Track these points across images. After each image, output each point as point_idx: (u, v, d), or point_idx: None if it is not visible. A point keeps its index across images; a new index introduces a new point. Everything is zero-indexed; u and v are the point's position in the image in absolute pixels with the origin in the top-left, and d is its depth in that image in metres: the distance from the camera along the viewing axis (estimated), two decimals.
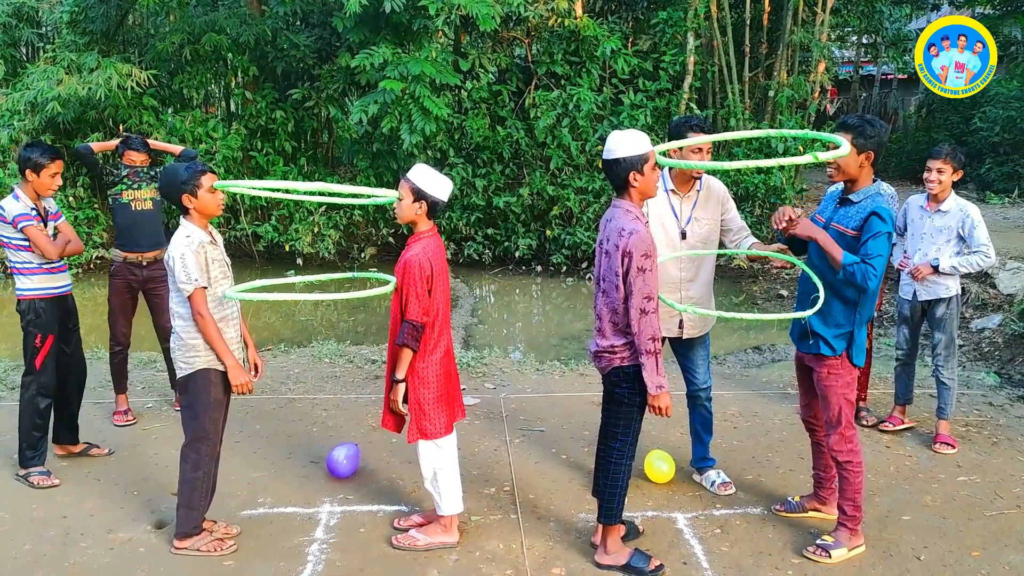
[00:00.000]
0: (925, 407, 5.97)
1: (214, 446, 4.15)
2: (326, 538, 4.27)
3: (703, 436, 4.91)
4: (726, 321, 7.57)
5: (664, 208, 4.57)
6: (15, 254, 4.83)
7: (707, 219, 4.63)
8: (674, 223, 4.58)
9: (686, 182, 4.59)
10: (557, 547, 4.21)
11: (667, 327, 4.54)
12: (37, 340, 4.84)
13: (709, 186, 4.66)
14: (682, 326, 4.64)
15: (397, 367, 4.01)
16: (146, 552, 4.14)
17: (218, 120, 12.96)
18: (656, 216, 4.55)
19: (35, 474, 4.85)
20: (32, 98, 10.97)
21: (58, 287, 4.94)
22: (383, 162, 12.35)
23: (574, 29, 12.43)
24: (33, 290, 4.85)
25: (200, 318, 3.93)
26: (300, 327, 9.61)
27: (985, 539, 4.28)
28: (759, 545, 4.23)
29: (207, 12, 12.80)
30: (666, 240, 4.53)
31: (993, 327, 8.35)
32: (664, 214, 4.57)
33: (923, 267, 5.33)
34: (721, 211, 4.68)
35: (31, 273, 4.84)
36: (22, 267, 4.84)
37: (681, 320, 4.61)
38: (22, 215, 4.73)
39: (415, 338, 3.94)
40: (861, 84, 25.45)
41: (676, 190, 4.59)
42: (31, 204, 4.81)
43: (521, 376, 6.89)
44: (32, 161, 4.76)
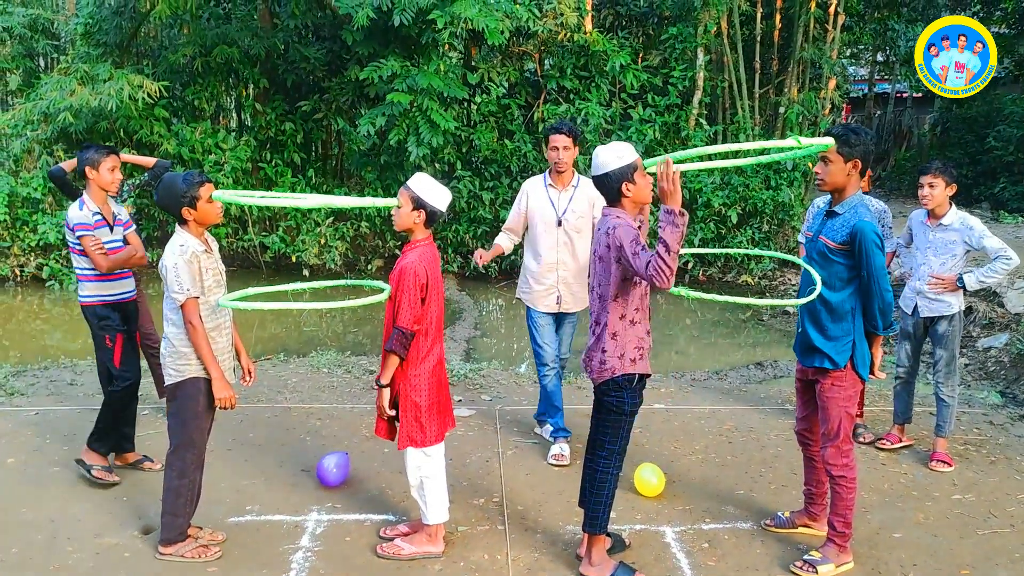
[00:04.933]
0: (924, 425, 5.90)
1: (200, 454, 4.15)
2: (311, 546, 4.26)
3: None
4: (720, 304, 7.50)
5: (544, 200, 5.33)
6: (77, 259, 4.94)
7: (580, 212, 5.30)
8: (552, 212, 5.30)
9: (561, 179, 5.32)
10: (542, 558, 4.18)
11: (547, 303, 5.37)
12: (107, 340, 4.92)
13: (583, 186, 5.34)
14: (560, 302, 5.36)
15: (383, 372, 4.01)
16: (131, 557, 4.14)
17: (228, 131, 13.06)
18: (537, 206, 5.34)
19: (97, 469, 4.91)
20: (45, 108, 11.09)
21: (117, 293, 4.99)
22: (391, 174, 12.40)
23: (584, 44, 12.47)
24: (92, 296, 4.93)
25: (191, 327, 3.94)
26: (304, 337, 9.63)
27: (976, 557, 4.22)
28: (746, 560, 4.19)
29: (219, 25, 12.92)
30: (546, 227, 5.31)
31: (999, 346, 8.26)
32: (544, 205, 5.32)
33: (947, 281, 5.26)
34: (592, 208, 5.29)
35: (87, 280, 4.92)
36: (81, 272, 4.94)
37: (559, 297, 5.34)
38: (81, 224, 4.80)
39: (403, 345, 3.95)
40: (875, 102, 25.38)
41: (554, 184, 5.34)
42: (95, 209, 4.88)
43: (518, 388, 6.87)
44: (88, 159, 4.86)
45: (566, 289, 5.35)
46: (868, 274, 3.84)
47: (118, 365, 4.93)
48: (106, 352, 4.94)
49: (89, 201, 4.89)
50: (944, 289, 5.29)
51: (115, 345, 4.92)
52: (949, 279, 5.26)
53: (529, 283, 5.46)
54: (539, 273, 5.37)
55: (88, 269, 4.89)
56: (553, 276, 5.33)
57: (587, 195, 5.31)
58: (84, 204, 4.87)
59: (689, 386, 7.12)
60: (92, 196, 4.91)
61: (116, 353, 4.93)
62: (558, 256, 5.32)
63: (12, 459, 5.24)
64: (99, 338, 4.94)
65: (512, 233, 5.59)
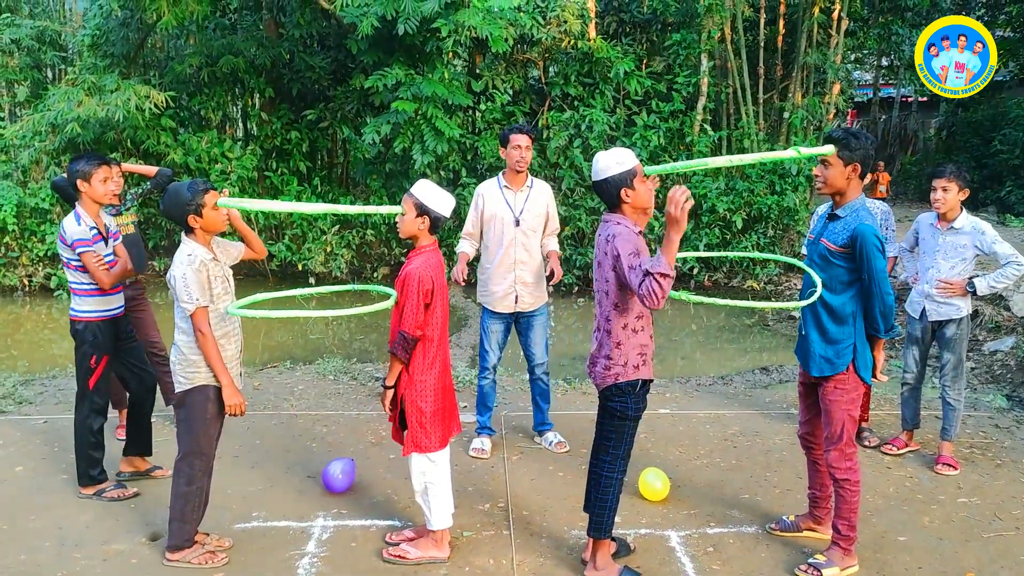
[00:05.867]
0: (929, 428, 5.89)
1: (208, 461, 4.17)
2: (317, 552, 4.28)
3: (542, 405, 5.76)
4: (723, 308, 7.52)
5: (500, 202, 5.44)
6: (72, 274, 4.80)
7: (536, 212, 5.46)
8: (509, 213, 5.42)
9: (517, 180, 5.45)
10: (547, 563, 4.19)
11: (506, 303, 5.48)
12: (92, 361, 4.82)
13: (538, 186, 5.54)
14: (518, 301, 5.47)
15: (388, 375, 4.06)
16: (138, 564, 4.17)
17: (234, 141, 13.14)
18: (494, 209, 5.44)
19: (109, 490, 4.89)
20: (53, 119, 11.18)
21: (112, 308, 4.90)
22: (395, 182, 12.46)
23: (587, 51, 12.51)
24: (88, 312, 4.81)
25: (201, 336, 3.96)
26: (310, 345, 9.67)
27: (981, 560, 4.21)
28: (751, 564, 4.19)
29: (225, 35, 13.03)
30: (504, 227, 5.42)
31: (1006, 349, 8.24)
32: (501, 207, 5.43)
33: (956, 285, 5.27)
34: (547, 209, 5.52)
35: (87, 295, 4.80)
36: (79, 288, 4.81)
37: (517, 296, 5.45)
38: (80, 240, 4.67)
39: (405, 350, 3.98)
40: (880, 106, 25.36)
41: (509, 186, 5.46)
42: (91, 223, 4.76)
43: (524, 394, 6.88)
44: (79, 171, 4.72)
45: (524, 288, 5.46)
46: (869, 277, 3.84)
47: (91, 387, 4.84)
48: (86, 371, 4.84)
49: (84, 215, 4.76)
50: (953, 293, 5.28)
51: (97, 367, 4.83)
52: (958, 283, 5.26)
53: (488, 285, 5.52)
54: (498, 274, 5.47)
55: (87, 284, 4.78)
56: (511, 276, 5.44)
57: (543, 196, 5.51)
58: (80, 218, 4.74)
59: (694, 391, 7.13)
60: (86, 209, 4.78)
61: (95, 375, 4.83)
62: (516, 256, 5.42)
63: (21, 467, 5.28)
64: (85, 356, 4.83)
65: (472, 239, 5.62)
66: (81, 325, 4.83)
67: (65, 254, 4.76)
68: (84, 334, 4.82)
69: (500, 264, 5.44)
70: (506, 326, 5.61)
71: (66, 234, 4.69)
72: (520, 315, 5.56)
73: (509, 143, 5.38)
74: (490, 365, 5.60)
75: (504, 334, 5.62)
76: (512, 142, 5.36)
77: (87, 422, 4.88)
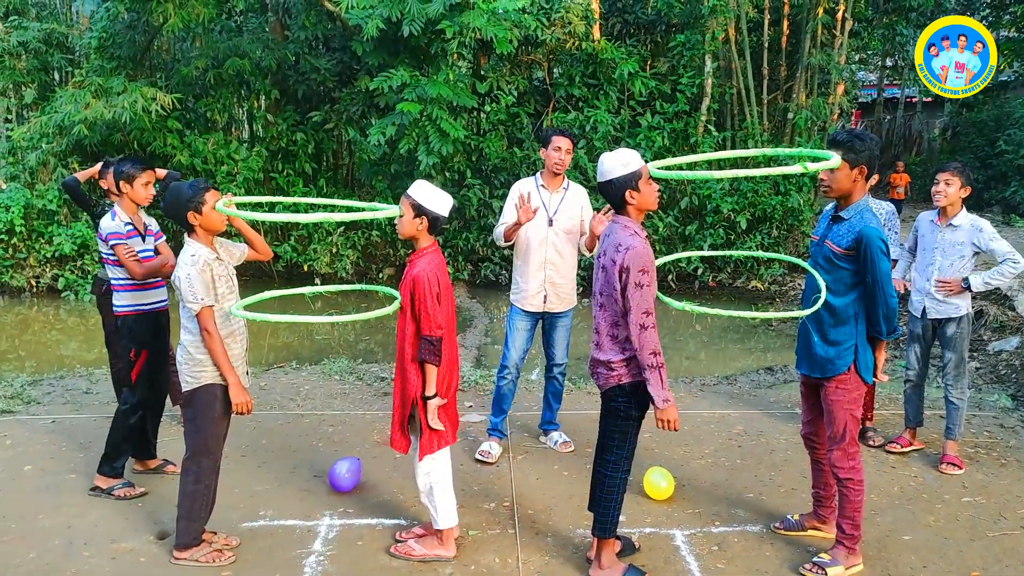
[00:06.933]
0: (934, 428, 5.90)
1: (215, 460, 4.20)
2: (323, 550, 4.30)
3: (552, 404, 5.79)
4: (729, 318, 7.52)
5: (535, 199, 5.37)
6: (111, 270, 4.98)
7: (570, 215, 5.41)
8: (544, 212, 5.37)
9: (554, 182, 5.41)
10: (553, 562, 4.21)
11: (534, 302, 5.46)
12: (132, 354, 4.95)
13: (574, 189, 5.50)
14: (547, 301, 5.46)
15: (426, 385, 4.02)
16: (146, 562, 4.19)
17: (240, 142, 13.19)
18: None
19: (117, 488, 4.94)
20: (60, 121, 11.24)
21: (151, 303, 5.03)
22: (401, 183, 12.47)
23: (592, 52, 12.54)
24: (127, 306, 4.96)
25: (207, 335, 3.99)
26: (316, 346, 9.70)
27: (986, 559, 4.22)
28: (756, 563, 4.21)
29: (231, 37, 13.07)
30: (537, 226, 5.37)
31: (1011, 349, 8.25)
32: (535, 204, 5.34)
33: (953, 283, 5.28)
34: (581, 213, 5.45)
35: (124, 289, 4.96)
36: (117, 283, 4.98)
37: (546, 296, 5.44)
38: (114, 233, 4.87)
39: (435, 352, 3.96)
40: (885, 107, 25.34)
41: (546, 186, 5.42)
42: (127, 220, 4.95)
43: (528, 394, 6.91)
44: (124, 173, 4.92)
45: (552, 289, 5.44)
46: (873, 279, 3.85)
47: (133, 380, 4.95)
48: (126, 364, 4.97)
49: (120, 212, 4.95)
50: (950, 292, 5.30)
51: (137, 360, 4.95)
52: (954, 282, 5.27)
53: (519, 283, 5.54)
54: (528, 272, 5.45)
55: (123, 279, 4.95)
56: (541, 275, 5.42)
57: (578, 200, 5.46)
58: (116, 215, 4.94)
59: (699, 390, 7.15)
60: (124, 207, 4.97)
61: (136, 368, 4.95)
62: (546, 255, 5.40)
63: (29, 466, 5.32)
64: (125, 349, 4.97)
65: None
66: (120, 320, 4.99)
67: (103, 249, 4.97)
68: (122, 328, 5.00)
69: (531, 262, 5.42)
70: (532, 326, 5.56)
71: (102, 229, 4.93)
72: (547, 315, 5.55)
73: (550, 144, 5.35)
74: (510, 364, 5.56)
75: (529, 334, 5.57)
76: (553, 143, 5.33)
77: (124, 413, 4.99)
